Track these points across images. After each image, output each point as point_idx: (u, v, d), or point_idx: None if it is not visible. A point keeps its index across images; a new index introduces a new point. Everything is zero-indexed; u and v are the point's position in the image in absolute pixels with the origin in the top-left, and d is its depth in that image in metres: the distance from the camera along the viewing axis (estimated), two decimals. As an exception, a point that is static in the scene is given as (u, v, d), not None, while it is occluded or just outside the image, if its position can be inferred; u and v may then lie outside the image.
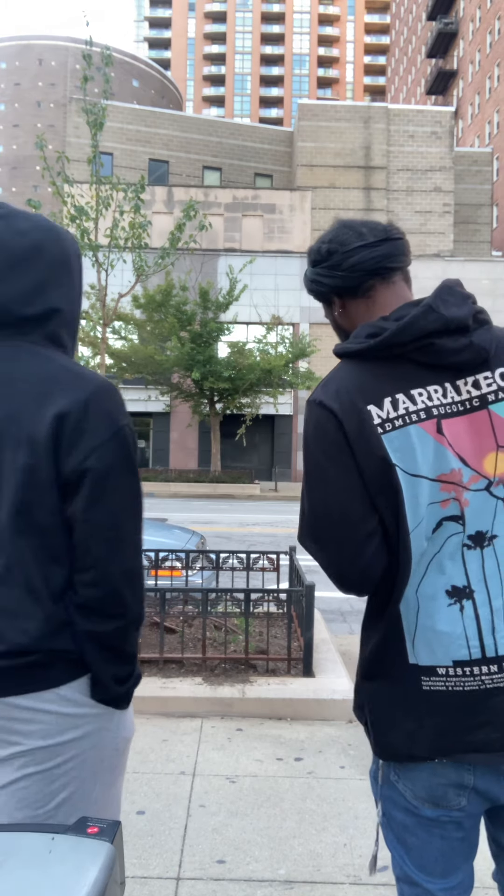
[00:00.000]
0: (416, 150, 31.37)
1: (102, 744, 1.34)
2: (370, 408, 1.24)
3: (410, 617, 1.25)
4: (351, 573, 1.25)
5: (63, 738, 1.28)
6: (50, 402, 1.27)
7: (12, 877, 0.89)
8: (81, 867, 0.90)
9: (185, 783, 3.13)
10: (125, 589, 1.30)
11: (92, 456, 1.26)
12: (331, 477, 1.24)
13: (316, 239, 1.59)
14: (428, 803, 1.27)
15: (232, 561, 5.37)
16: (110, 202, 8.62)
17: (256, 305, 28.68)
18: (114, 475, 1.28)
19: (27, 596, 1.26)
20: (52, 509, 1.27)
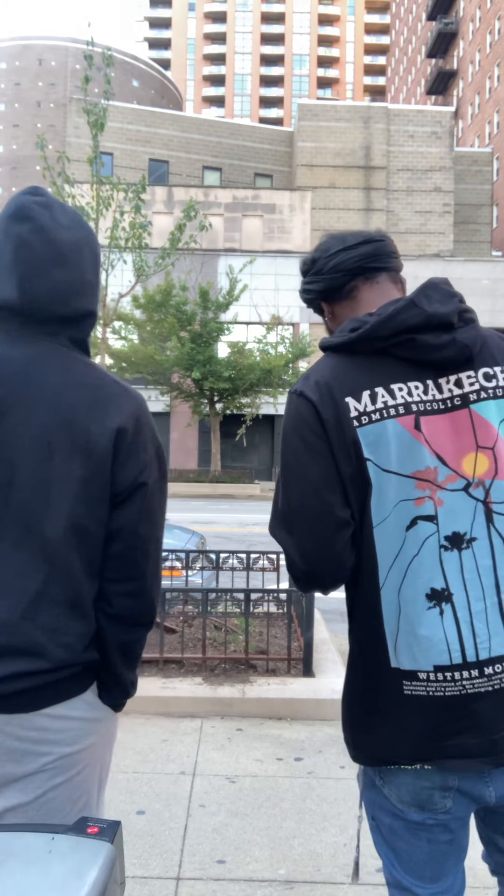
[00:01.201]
0: (416, 150, 31.37)
1: (107, 745, 1.38)
2: (348, 400, 1.24)
3: (392, 620, 1.23)
4: (321, 565, 1.23)
5: (86, 742, 1.30)
6: (107, 415, 1.26)
7: (12, 877, 0.89)
8: (81, 867, 0.91)
9: (185, 783, 3.13)
10: (157, 599, 1.35)
11: (145, 471, 1.29)
12: (308, 466, 1.24)
13: (315, 241, 1.62)
14: (413, 807, 1.26)
15: (232, 561, 5.37)
16: (111, 202, 8.62)
17: (256, 305, 28.67)
18: (158, 490, 1.33)
19: (70, 612, 1.25)
20: (101, 522, 1.27)
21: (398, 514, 1.22)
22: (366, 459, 1.22)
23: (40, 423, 1.22)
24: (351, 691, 1.31)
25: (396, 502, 1.22)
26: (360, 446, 1.22)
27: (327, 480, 1.22)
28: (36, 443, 1.22)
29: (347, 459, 1.22)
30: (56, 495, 1.22)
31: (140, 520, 1.29)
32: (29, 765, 1.23)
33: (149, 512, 1.30)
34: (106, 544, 1.28)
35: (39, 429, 1.22)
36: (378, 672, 1.24)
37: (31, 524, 1.21)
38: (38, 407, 1.23)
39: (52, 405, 1.24)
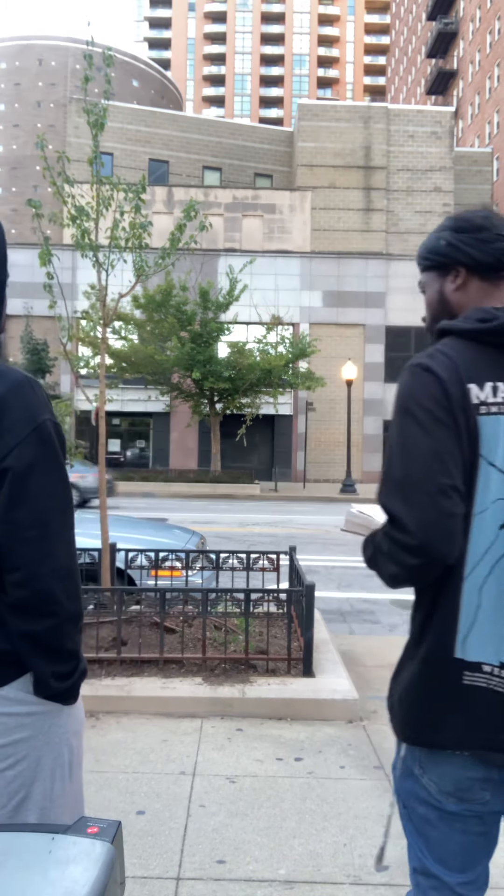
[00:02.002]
0: (416, 150, 31.35)
1: (56, 740, 1.34)
2: (471, 386, 1.26)
3: (469, 612, 1.26)
4: (439, 538, 1.22)
5: (12, 737, 1.27)
6: None
7: (12, 877, 0.89)
8: (81, 867, 0.90)
9: (185, 783, 3.13)
10: (55, 587, 1.27)
11: (10, 455, 1.24)
12: (434, 439, 1.24)
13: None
14: (453, 797, 1.30)
15: (232, 561, 5.37)
16: (111, 202, 8.61)
17: (256, 305, 28.65)
18: (36, 473, 1.26)
19: None
20: None
21: (495, 512, 1.25)
22: (478, 447, 1.25)
23: None
24: (410, 675, 1.33)
25: (495, 499, 1.24)
26: (478, 433, 1.24)
27: (452, 455, 1.24)
28: None
29: (469, 441, 1.25)
30: None
31: (9, 506, 1.24)
32: None
33: (21, 497, 1.24)
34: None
35: None
36: (440, 660, 1.28)
37: None
38: None
39: None
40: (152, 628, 4.73)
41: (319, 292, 30.10)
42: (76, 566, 1.34)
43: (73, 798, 1.39)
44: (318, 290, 30.09)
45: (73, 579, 1.31)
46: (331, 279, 30.13)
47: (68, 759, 1.37)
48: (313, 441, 29.85)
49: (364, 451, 29.92)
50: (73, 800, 1.39)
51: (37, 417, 1.27)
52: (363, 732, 3.76)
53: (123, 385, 26.19)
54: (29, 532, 1.25)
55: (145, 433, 30.74)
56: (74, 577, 1.32)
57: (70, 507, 1.34)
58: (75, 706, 1.39)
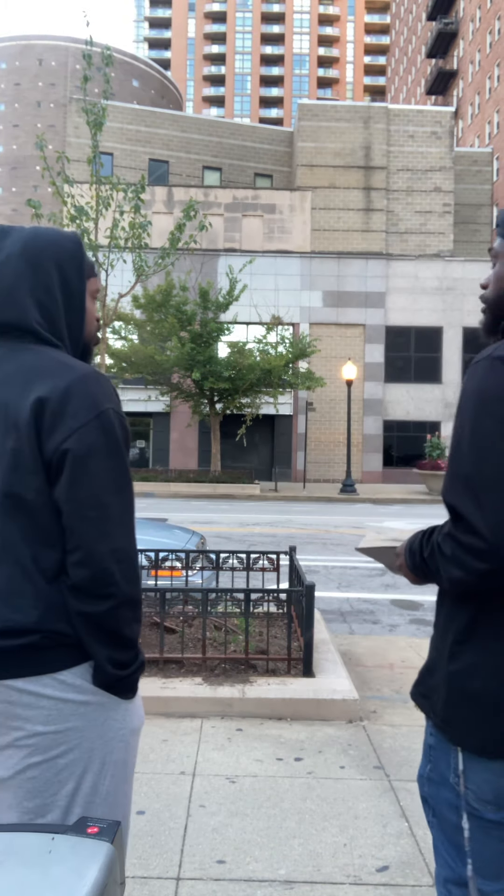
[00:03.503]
0: (416, 150, 31.35)
1: (109, 734, 1.34)
2: None
3: None
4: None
5: (66, 724, 1.29)
6: (32, 389, 1.33)
7: (12, 877, 0.89)
8: (81, 867, 0.90)
9: (185, 783, 3.13)
10: (113, 568, 1.31)
11: (71, 437, 1.30)
12: None
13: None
14: (492, 805, 1.25)
15: (232, 561, 5.37)
16: (110, 202, 8.61)
17: (256, 305, 28.65)
18: (95, 456, 1.31)
19: (20, 576, 1.29)
20: (38, 491, 1.31)
21: None
22: None
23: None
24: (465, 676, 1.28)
25: None
26: None
27: None
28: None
29: None
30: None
31: (70, 486, 1.30)
32: (3, 737, 1.27)
33: (81, 478, 1.30)
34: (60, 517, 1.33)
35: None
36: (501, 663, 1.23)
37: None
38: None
39: (1, 391, 1.36)
40: (152, 628, 4.73)
41: (319, 292, 30.10)
42: (135, 551, 1.37)
43: (122, 798, 1.39)
44: (318, 290, 30.09)
45: (132, 563, 1.35)
46: (331, 279, 30.13)
47: (122, 756, 1.37)
48: (313, 441, 29.85)
49: (364, 451, 29.92)
50: (123, 800, 1.39)
51: (100, 405, 1.34)
52: (363, 732, 3.76)
53: (123, 385, 26.21)
54: (89, 512, 1.30)
55: (145, 433, 30.75)
56: (133, 562, 1.36)
57: (130, 492, 1.38)
58: (134, 703, 1.41)
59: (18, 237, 1.45)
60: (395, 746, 3.56)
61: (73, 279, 1.48)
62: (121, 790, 1.37)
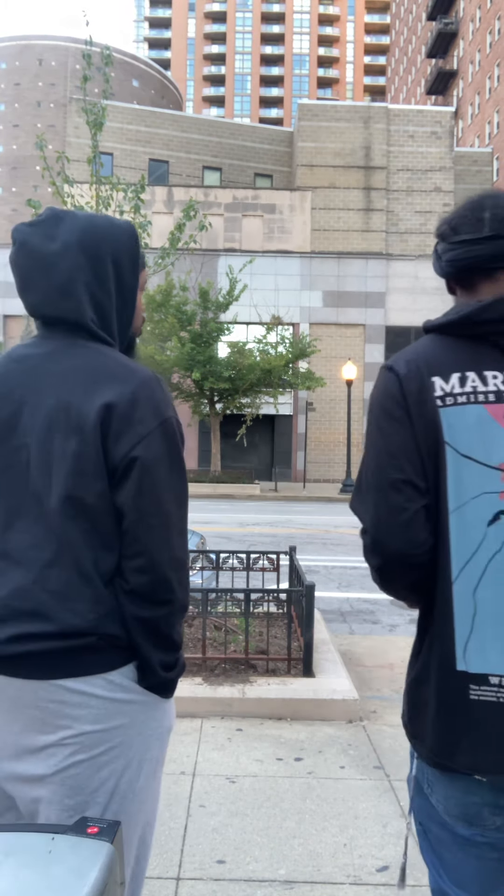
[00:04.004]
0: (416, 150, 31.34)
1: (148, 732, 1.36)
2: (434, 379, 1.22)
3: (465, 620, 1.17)
4: (391, 534, 1.19)
5: (111, 723, 1.30)
6: (99, 392, 1.31)
7: (12, 877, 0.89)
8: (81, 867, 0.90)
9: (185, 783, 3.13)
10: (173, 576, 1.33)
11: (139, 445, 1.30)
12: (387, 435, 1.23)
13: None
14: (461, 821, 1.19)
15: (232, 561, 5.37)
16: (110, 202, 8.61)
17: (256, 305, 28.64)
18: (160, 465, 1.32)
19: (78, 579, 1.30)
20: (100, 495, 1.30)
21: (478, 507, 1.17)
22: (444, 442, 1.19)
23: (46, 407, 1.33)
24: (414, 686, 1.26)
25: (478, 493, 1.17)
26: (441, 427, 1.20)
27: (404, 449, 1.21)
28: (42, 425, 1.32)
29: (426, 435, 1.21)
30: (55, 471, 1.31)
31: (136, 494, 1.30)
32: (49, 735, 1.27)
33: (147, 486, 1.30)
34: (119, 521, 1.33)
35: (45, 412, 1.33)
36: (443, 673, 1.18)
37: (41, 499, 1.32)
38: (46, 393, 1.34)
39: (56, 390, 1.33)
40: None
41: (319, 292, 30.09)
42: (188, 559, 1.41)
43: (153, 793, 1.40)
44: (318, 290, 30.08)
45: (186, 571, 1.37)
46: (331, 279, 30.12)
47: (158, 754, 1.39)
48: (313, 441, 29.84)
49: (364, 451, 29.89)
50: (154, 797, 1.41)
51: (163, 412, 1.34)
52: (363, 732, 3.76)
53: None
54: (153, 520, 1.31)
55: (145, 433, 30.69)
56: (187, 569, 1.38)
57: (186, 502, 1.40)
58: (170, 703, 1.43)
59: (75, 225, 1.39)
60: (394, 746, 3.56)
61: (127, 274, 1.44)
62: (152, 786, 1.39)
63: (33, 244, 1.39)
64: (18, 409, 1.35)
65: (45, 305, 1.40)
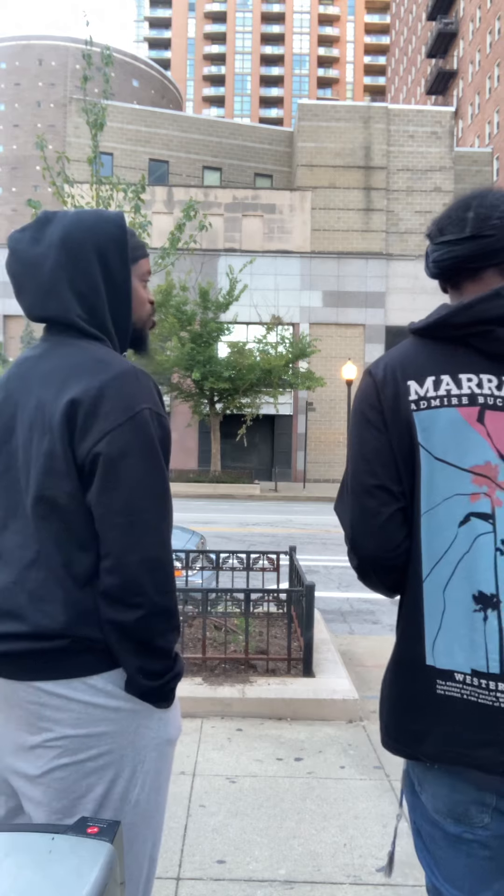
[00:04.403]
0: (416, 150, 31.34)
1: (142, 742, 1.31)
2: (410, 383, 1.24)
3: (434, 617, 1.20)
4: (367, 537, 1.23)
5: (96, 729, 1.27)
6: (67, 389, 1.29)
7: (12, 876, 0.89)
8: (81, 867, 0.90)
9: (185, 783, 3.13)
10: (144, 578, 1.25)
11: (103, 440, 1.25)
12: (363, 440, 1.26)
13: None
14: (450, 819, 1.21)
15: (232, 561, 5.37)
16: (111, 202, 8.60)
17: (256, 305, 28.64)
18: (128, 460, 1.26)
19: (52, 580, 1.28)
20: (71, 495, 1.27)
21: (450, 508, 1.19)
22: (419, 444, 1.21)
23: (30, 409, 1.33)
24: (389, 682, 1.30)
25: (449, 495, 1.19)
26: (415, 430, 1.21)
27: (379, 453, 1.23)
28: (26, 427, 1.33)
29: (400, 440, 1.23)
30: (32, 471, 1.30)
31: (101, 491, 1.25)
32: (34, 736, 1.27)
33: (112, 483, 1.25)
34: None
35: (28, 413, 1.33)
36: (412, 667, 1.23)
37: (24, 499, 1.32)
38: (32, 394, 1.34)
39: (38, 390, 1.33)
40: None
41: (319, 292, 30.10)
42: (169, 559, 1.31)
43: (155, 808, 1.35)
44: (318, 290, 30.09)
45: (164, 572, 1.29)
46: (331, 279, 30.13)
47: (155, 766, 1.33)
48: (313, 441, 29.85)
49: (364, 451, 29.90)
50: (155, 810, 1.35)
51: (134, 406, 1.28)
52: (363, 732, 3.76)
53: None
54: (118, 518, 1.25)
55: (145, 433, 30.70)
56: (165, 571, 1.29)
57: (165, 498, 1.32)
58: (170, 712, 1.36)
59: (60, 224, 1.38)
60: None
61: (115, 267, 1.40)
62: (153, 800, 1.34)
63: (21, 249, 1.40)
64: (14, 412, 1.36)
65: (35, 307, 1.40)
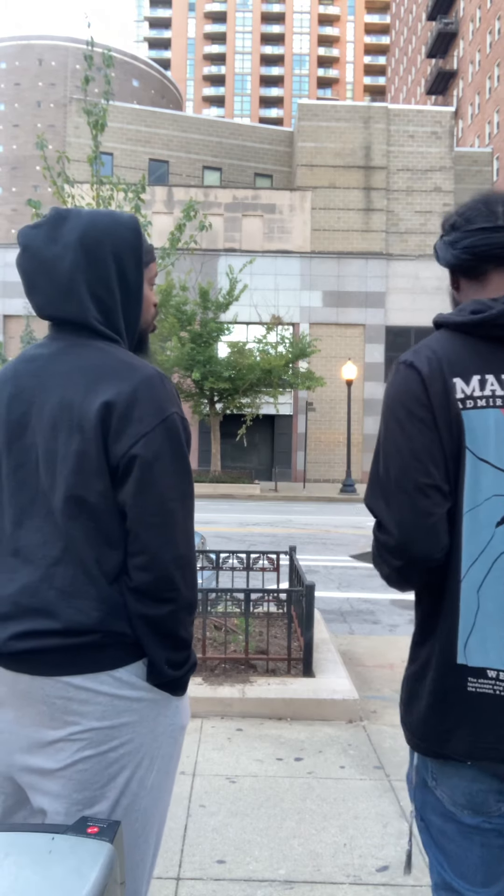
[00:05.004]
0: (416, 150, 31.33)
1: (159, 730, 1.37)
2: (456, 380, 1.23)
3: (468, 616, 1.21)
4: (418, 537, 1.20)
5: (119, 720, 1.31)
6: (99, 391, 1.31)
7: (12, 877, 0.89)
8: (81, 867, 0.91)
9: (185, 783, 3.13)
10: (176, 574, 1.32)
11: (139, 443, 1.29)
12: (412, 436, 1.22)
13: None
14: (468, 810, 1.24)
15: (232, 561, 5.37)
16: (111, 202, 8.60)
17: (256, 305, 28.64)
18: (162, 462, 1.31)
19: (82, 576, 1.30)
20: (103, 494, 1.31)
21: (490, 508, 1.20)
22: (464, 443, 1.21)
23: (51, 407, 1.34)
24: (413, 679, 1.30)
25: (490, 496, 1.20)
26: (463, 429, 1.21)
27: (431, 452, 1.21)
28: (48, 425, 1.34)
29: (449, 437, 1.22)
30: (59, 470, 1.32)
31: (137, 492, 1.29)
32: (57, 731, 1.29)
33: (148, 484, 1.30)
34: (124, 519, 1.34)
35: (49, 412, 1.34)
36: (443, 667, 1.23)
37: (48, 498, 1.34)
38: (51, 392, 1.35)
39: (60, 389, 1.34)
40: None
41: (319, 292, 30.10)
42: (195, 557, 1.38)
43: (165, 792, 1.41)
44: (318, 290, 30.08)
45: (192, 569, 1.36)
46: (331, 279, 30.12)
47: (170, 751, 1.40)
48: (313, 441, 29.84)
49: (364, 451, 29.90)
50: (165, 794, 1.41)
51: (165, 410, 1.33)
52: (363, 732, 3.76)
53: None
54: (154, 518, 1.30)
55: (145, 433, 30.70)
56: (193, 567, 1.36)
57: (191, 499, 1.38)
58: (183, 701, 1.44)
59: (76, 224, 1.39)
60: (395, 746, 3.56)
61: (131, 271, 1.43)
62: (164, 784, 1.40)
63: (36, 247, 1.40)
64: (28, 409, 1.37)
65: (50, 307, 1.41)
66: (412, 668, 1.31)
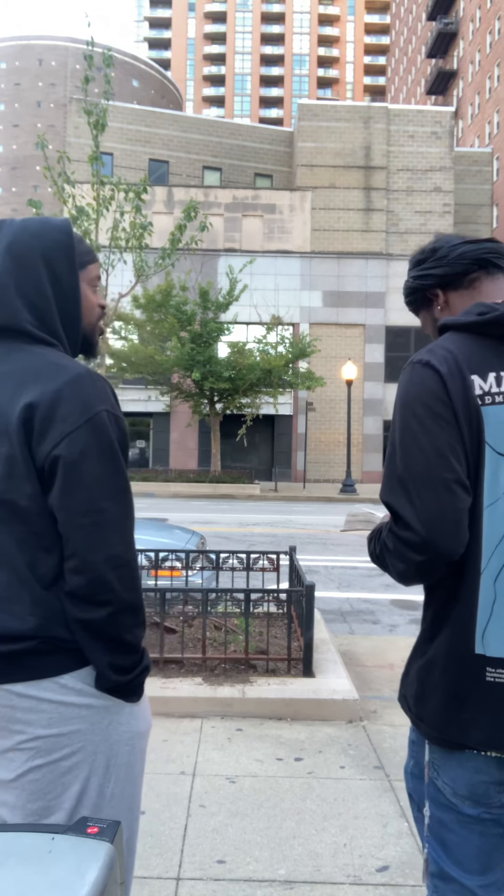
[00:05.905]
0: (416, 150, 31.34)
1: (114, 737, 1.34)
2: (474, 377, 1.26)
3: (486, 607, 1.24)
4: (444, 533, 1.22)
5: (68, 727, 1.28)
6: (23, 394, 1.29)
7: (12, 876, 0.89)
8: (81, 867, 0.91)
9: (185, 783, 3.13)
10: (110, 575, 1.28)
11: (62, 443, 1.27)
12: (434, 433, 1.25)
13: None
14: (468, 801, 1.27)
15: (232, 561, 5.37)
16: (111, 203, 8.61)
17: (256, 305, 28.66)
18: (87, 461, 1.28)
19: (16, 582, 1.29)
20: (32, 498, 1.29)
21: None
22: (484, 439, 1.24)
23: None
24: (426, 670, 1.32)
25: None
26: (482, 425, 1.24)
27: (453, 448, 1.24)
28: None
29: (469, 433, 1.25)
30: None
31: (62, 493, 1.27)
32: (5, 740, 1.28)
33: (73, 484, 1.27)
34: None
35: None
36: (461, 658, 1.26)
37: None
38: None
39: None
40: (152, 628, 4.72)
41: (319, 292, 30.10)
42: (133, 556, 1.34)
43: (129, 801, 1.38)
44: (318, 290, 30.09)
45: (130, 569, 1.32)
46: (331, 279, 30.13)
47: (128, 759, 1.37)
48: (313, 441, 29.85)
49: (364, 451, 29.92)
50: (130, 802, 1.38)
51: (92, 408, 1.30)
52: (363, 732, 3.76)
53: (123, 385, 26.21)
54: (82, 519, 1.27)
55: (145, 433, 30.74)
56: (131, 567, 1.33)
57: (127, 497, 1.34)
58: (139, 706, 1.41)
59: (7, 232, 1.39)
60: (395, 746, 3.57)
61: (63, 273, 1.41)
62: (127, 793, 1.37)
63: None
64: None
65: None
66: (420, 662, 1.33)
